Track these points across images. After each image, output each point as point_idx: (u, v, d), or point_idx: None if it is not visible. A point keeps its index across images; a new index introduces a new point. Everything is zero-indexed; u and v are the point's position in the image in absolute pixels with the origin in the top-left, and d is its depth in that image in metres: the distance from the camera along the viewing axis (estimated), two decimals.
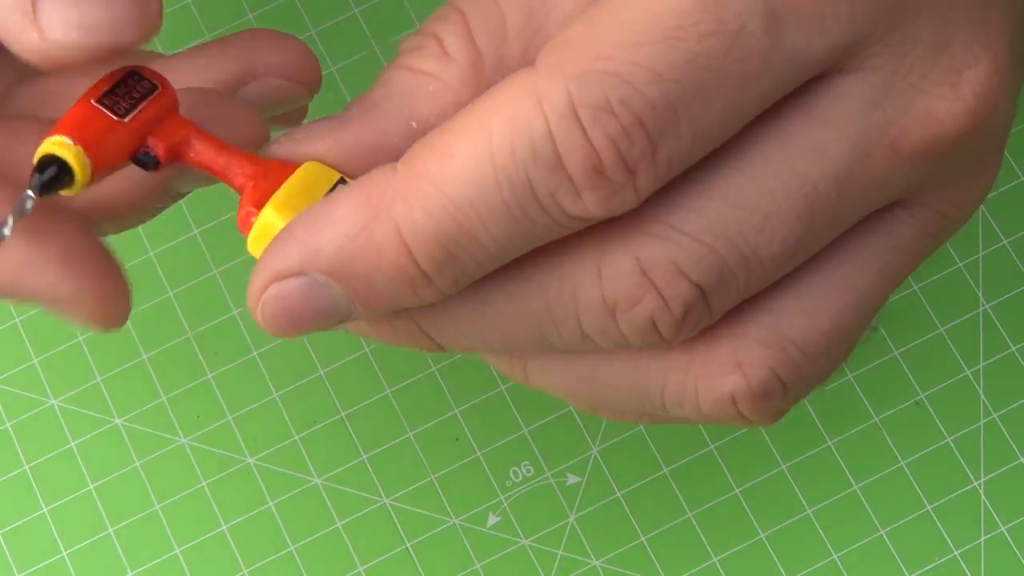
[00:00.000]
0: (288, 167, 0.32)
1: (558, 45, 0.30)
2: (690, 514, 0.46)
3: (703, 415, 0.33)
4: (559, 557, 0.46)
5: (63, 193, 0.31)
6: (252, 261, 0.49)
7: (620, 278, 0.31)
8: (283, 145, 0.32)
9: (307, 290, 0.31)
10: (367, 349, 0.48)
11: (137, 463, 0.47)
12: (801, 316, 0.32)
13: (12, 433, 0.48)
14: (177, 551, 0.46)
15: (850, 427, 0.47)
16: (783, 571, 0.45)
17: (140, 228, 0.50)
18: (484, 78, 0.31)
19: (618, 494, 0.46)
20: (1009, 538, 0.45)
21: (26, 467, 0.47)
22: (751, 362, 0.32)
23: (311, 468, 0.47)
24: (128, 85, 0.32)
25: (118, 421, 0.48)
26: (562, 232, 0.30)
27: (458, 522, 0.46)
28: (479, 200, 0.29)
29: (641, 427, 0.46)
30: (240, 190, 0.32)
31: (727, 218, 0.31)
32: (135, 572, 0.46)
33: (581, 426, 0.47)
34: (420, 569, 0.46)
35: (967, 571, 0.45)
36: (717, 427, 0.46)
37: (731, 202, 0.31)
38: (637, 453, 0.46)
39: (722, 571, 0.45)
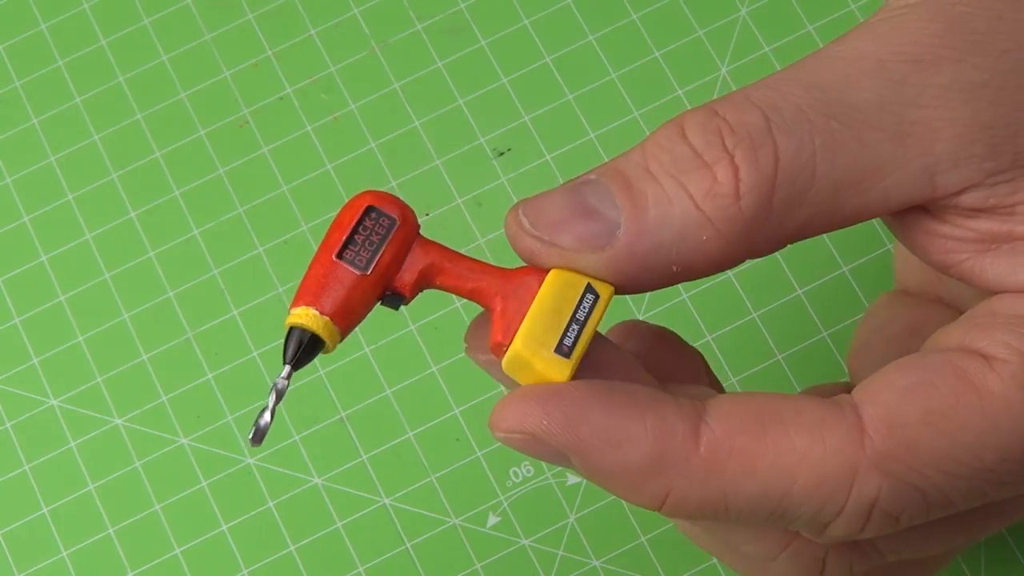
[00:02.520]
0: (535, 277, 0.32)
1: (896, 427, 0.30)
2: None
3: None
4: (559, 557, 0.46)
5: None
6: (248, 263, 0.49)
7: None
8: (550, 255, 0.31)
9: (551, 455, 0.32)
10: (367, 349, 0.48)
11: (137, 463, 0.47)
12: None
13: (12, 433, 0.48)
14: (177, 551, 0.46)
15: None
16: None
17: (140, 228, 0.50)
18: (757, 236, 0.31)
19: None
20: (1009, 538, 0.45)
21: (26, 467, 0.47)
22: None
23: (311, 468, 0.47)
24: (367, 226, 0.31)
25: (118, 421, 0.48)
26: None
27: (458, 522, 0.46)
28: (747, 514, 0.31)
29: None
30: (489, 310, 0.32)
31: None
32: (135, 572, 0.46)
33: None
34: (420, 569, 0.46)
35: (967, 571, 0.45)
36: None
37: None
38: None
39: (722, 571, 0.45)
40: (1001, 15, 0.31)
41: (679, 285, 0.47)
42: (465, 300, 0.48)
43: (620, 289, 0.32)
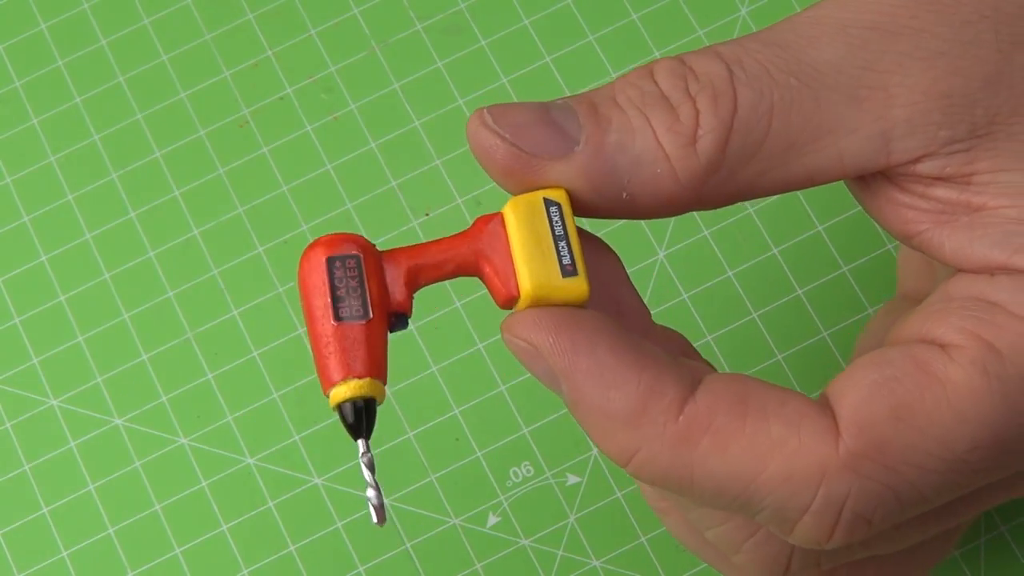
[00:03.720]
0: (496, 225, 0.32)
1: (865, 426, 0.30)
2: None
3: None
4: (559, 557, 0.46)
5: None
6: (248, 263, 0.49)
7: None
8: (507, 155, 0.32)
9: (544, 374, 0.32)
10: None
11: (137, 463, 0.47)
12: None
13: (12, 433, 0.48)
14: (177, 551, 0.46)
15: None
16: None
17: (140, 228, 0.50)
18: (707, 182, 0.32)
19: (618, 494, 0.46)
20: (1009, 538, 0.45)
21: (26, 467, 0.47)
22: None
23: (311, 468, 0.47)
24: (339, 276, 0.32)
25: (118, 421, 0.48)
26: None
27: (458, 522, 0.46)
28: (711, 493, 0.31)
29: None
30: (479, 276, 0.33)
31: None
32: (135, 572, 0.46)
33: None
34: (420, 569, 0.46)
35: (967, 571, 0.45)
36: None
37: None
38: None
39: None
40: None
41: (679, 285, 0.47)
42: (464, 301, 0.48)
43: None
